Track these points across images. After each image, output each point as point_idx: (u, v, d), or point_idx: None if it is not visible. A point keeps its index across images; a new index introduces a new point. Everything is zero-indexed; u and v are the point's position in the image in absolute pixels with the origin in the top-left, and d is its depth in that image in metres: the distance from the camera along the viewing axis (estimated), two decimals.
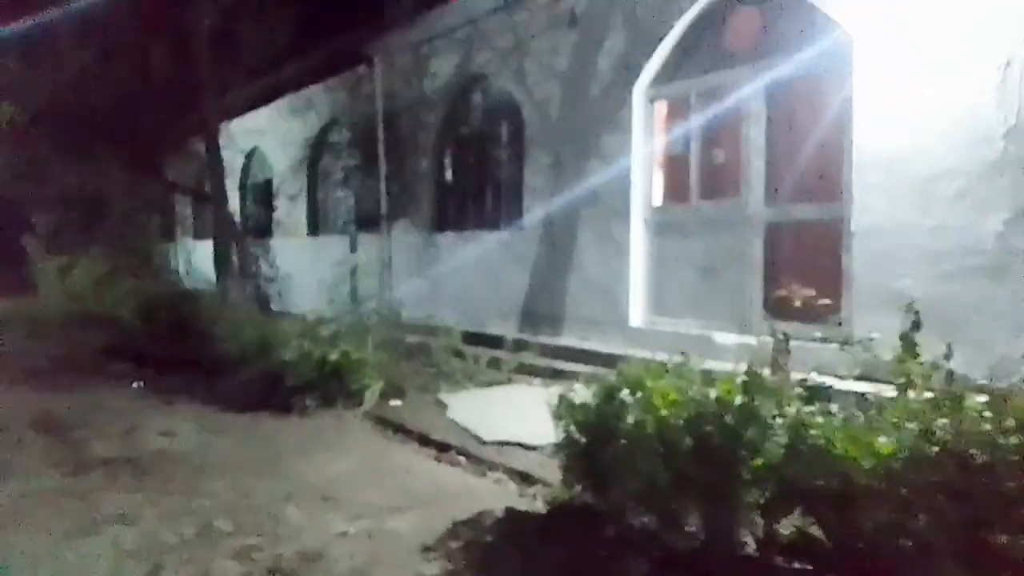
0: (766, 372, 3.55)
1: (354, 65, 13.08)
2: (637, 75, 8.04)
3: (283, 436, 5.92)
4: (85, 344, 11.01)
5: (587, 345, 8.26)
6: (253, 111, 15.86)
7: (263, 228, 16.50)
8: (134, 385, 7.88)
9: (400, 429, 6.03)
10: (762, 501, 3.15)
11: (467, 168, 11.02)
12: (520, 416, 5.79)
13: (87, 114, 13.13)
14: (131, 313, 12.26)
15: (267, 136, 16.19)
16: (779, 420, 3.15)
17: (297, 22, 12.70)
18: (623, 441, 3.51)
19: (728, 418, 3.20)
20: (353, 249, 13.28)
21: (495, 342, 9.06)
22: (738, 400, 3.22)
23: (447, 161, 11.37)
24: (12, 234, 20.82)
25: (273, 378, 6.99)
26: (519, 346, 8.88)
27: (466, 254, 10.74)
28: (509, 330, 9.57)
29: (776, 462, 3.03)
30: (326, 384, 6.78)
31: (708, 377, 3.61)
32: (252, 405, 6.77)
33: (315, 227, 15.04)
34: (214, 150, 11.71)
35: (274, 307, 13.70)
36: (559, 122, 9.10)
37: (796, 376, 3.60)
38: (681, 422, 3.33)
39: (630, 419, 3.49)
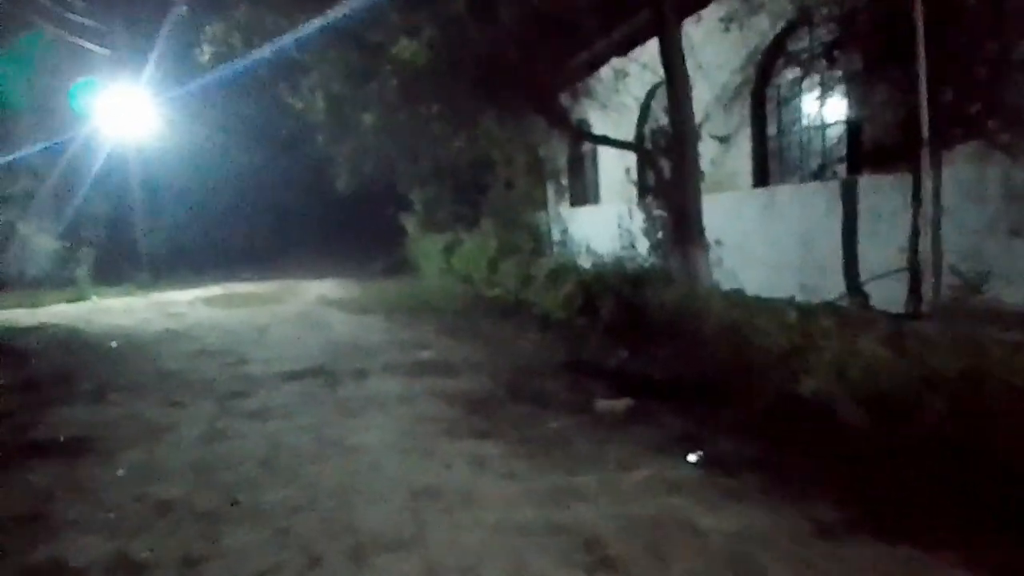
0: None
1: None
2: None
3: None
4: (522, 347, 7.89)
5: None
6: (653, 40, 12.00)
7: (668, 183, 12.65)
8: (690, 458, 4.19)
9: None
10: None
11: None
12: None
13: (476, 54, 10.14)
14: (559, 303, 9.01)
15: None
16: None
17: None
18: None
19: None
20: (848, 198, 8.78)
21: None
22: None
23: None
24: (389, 212, 19.46)
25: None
26: None
27: None
28: None
29: None
30: None
31: None
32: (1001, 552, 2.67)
33: (763, 175, 10.73)
34: (677, 70, 7.91)
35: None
36: None
37: None
38: None
39: None
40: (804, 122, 9.91)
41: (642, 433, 4.73)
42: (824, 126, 9.54)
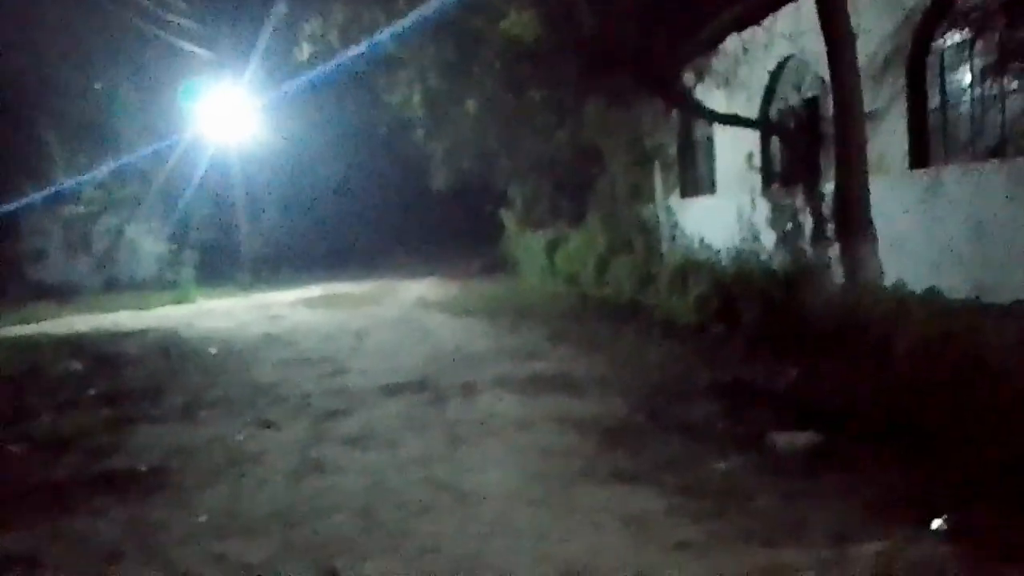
0: None
1: None
2: None
3: None
4: (652, 358, 6.80)
5: None
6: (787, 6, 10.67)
7: (803, 169, 11.19)
8: (935, 525, 3.03)
9: None
10: None
11: None
12: None
13: (587, 31, 9.06)
14: (689, 306, 7.85)
15: (811, 35, 10.78)
16: None
17: None
18: None
19: None
20: None
21: None
22: None
23: None
24: (486, 209, 18.63)
25: None
26: None
27: None
28: None
29: None
30: None
31: None
32: None
33: (921, 155, 9.21)
34: (840, 27, 6.69)
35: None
36: None
37: None
38: None
39: None
40: (975, 92, 8.38)
41: (842, 483, 3.58)
42: (1004, 95, 8.00)
